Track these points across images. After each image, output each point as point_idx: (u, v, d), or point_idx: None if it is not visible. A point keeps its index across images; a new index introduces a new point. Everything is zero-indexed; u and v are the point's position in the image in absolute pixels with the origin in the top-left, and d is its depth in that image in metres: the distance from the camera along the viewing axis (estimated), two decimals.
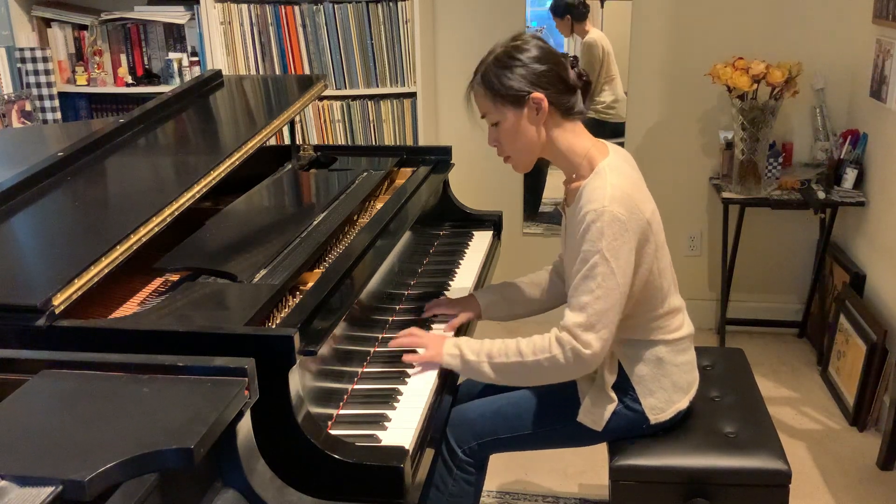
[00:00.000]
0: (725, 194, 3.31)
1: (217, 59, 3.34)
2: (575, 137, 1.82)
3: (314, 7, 3.31)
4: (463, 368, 1.81)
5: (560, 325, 1.75)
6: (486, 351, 1.80)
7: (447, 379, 1.84)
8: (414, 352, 1.82)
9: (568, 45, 3.75)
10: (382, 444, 1.52)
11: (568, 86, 1.79)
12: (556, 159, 1.85)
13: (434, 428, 1.68)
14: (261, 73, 3.39)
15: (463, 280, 2.23)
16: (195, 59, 3.43)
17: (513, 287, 2.12)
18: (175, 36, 3.45)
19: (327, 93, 3.26)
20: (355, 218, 2.15)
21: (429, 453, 1.62)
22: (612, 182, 1.73)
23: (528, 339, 1.78)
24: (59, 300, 1.39)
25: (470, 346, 1.82)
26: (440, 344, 1.82)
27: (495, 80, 1.76)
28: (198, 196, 1.81)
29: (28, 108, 3.24)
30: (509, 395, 1.97)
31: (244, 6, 3.32)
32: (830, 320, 3.30)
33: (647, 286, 1.81)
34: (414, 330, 1.88)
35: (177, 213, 1.73)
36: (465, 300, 2.07)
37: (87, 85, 3.48)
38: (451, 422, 1.94)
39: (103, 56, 3.47)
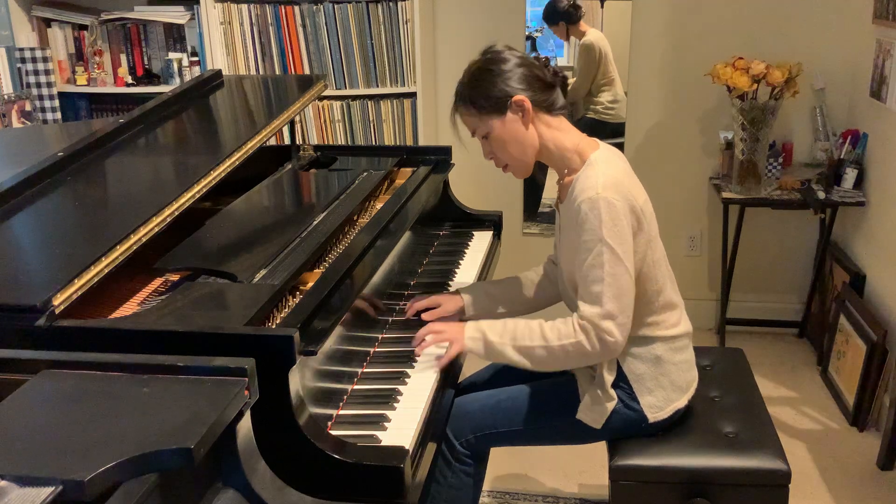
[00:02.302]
0: (725, 194, 3.31)
1: (217, 59, 3.34)
2: (562, 133, 1.84)
3: (314, 7, 3.32)
4: (486, 351, 1.82)
5: (578, 315, 1.76)
6: (510, 333, 1.81)
7: (447, 378, 1.84)
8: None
9: (567, 47, 3.75)
10: (382, 444, 1.52)
11: (546, 83, 1.82)
12: (548, 158, 1.86)
13: (434, 428, 1.68)
14: (261, 73, 3.39)
15: (463, 280, 2.23)
16: (195, 59, 3.43)
17: (499, 286, 2.11)
18: (175, 36, 3.45)
19: (327, 93, 3.26)
20: (355, 218, 2.15)
21: (429, 453, 1.62)
22: (603, 171, 1.75)
23: (550, 324, 1.79)
24: (59, 300, 1.39)
25: (492, 327, 1.83)
26: (461, 331, 1.83)
27: (475, 95, 1.80)
28: (198, 196, 1.81)
29: (28, 108, 3.24)
30: (509, 389, 1.97)
31: (244, 6, 3.32)
32: (830, 320, 3.30)
33: (640, 278, 1.81)
34: (433, 326, 1.87)
35: (177, 213, 1.73)
36: (447, 297, 2.05)
37: (87, 85, 3.48)
38: (450, 414, 1.93)
39: (103, 56, 3.47)
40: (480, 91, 1.79)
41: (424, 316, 1.97)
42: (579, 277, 1.76)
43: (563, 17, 3.64)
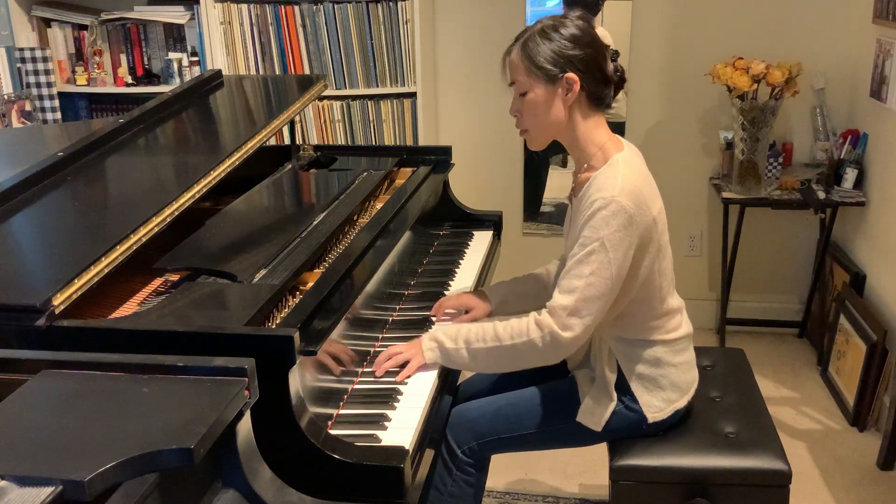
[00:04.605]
0: (725, 194, 3.31)
1: (217, 59, 3.34)
2: (595, 128, 1.81)
3: (314, 7, 3.32)
4: (444, 359, 1.79)
5: (546, 305, 1.74)
6: (463, 337, 1.78)
7: (447, 379, 1.84)
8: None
9: None
10: (382, 443, 1.52)
11: (604, 76, 1.78)
12: (571, 146, 1.84)
13: (434, 428, 1.68)
14: (261, 73, 3.39)
15: (463, 280, 2.23)
16: (195, 59, 3.43)
17: (522, 282, 2.11)
18: (175, 36, 3.45)
19: (327, 93, 3.26)
20: (355, 218, 2.15)
21: (429, 453, 1.62)
22: (623, 174, 1.73)
23: (505, 323, 1.77)
24: (59, 300, 1.39)
25: (447, 333, 1.80)
26: (418, 347, 1.79)
27: (534, 50, 1.75)
28: (198, 196, 1.81)
29: (28, 108, 3.24)
30: (509, 395, 1.97)
31: (244, 6, 3.32)
32: (830, 320, 3.30)
33: (646, 285, 1.81)
34: (390, 351, 1.80)
35: (177, 213, 1.73)
36: (475, 297, 2.04)
37: (87, 85, 3.48)
38: (451, 422, 1.93)
39: (103, 56, 3.47)
40: (541, 50, 1.74)
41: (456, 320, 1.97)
42: (566, 267, 1.74)
43: (583, 5, 3.62)
